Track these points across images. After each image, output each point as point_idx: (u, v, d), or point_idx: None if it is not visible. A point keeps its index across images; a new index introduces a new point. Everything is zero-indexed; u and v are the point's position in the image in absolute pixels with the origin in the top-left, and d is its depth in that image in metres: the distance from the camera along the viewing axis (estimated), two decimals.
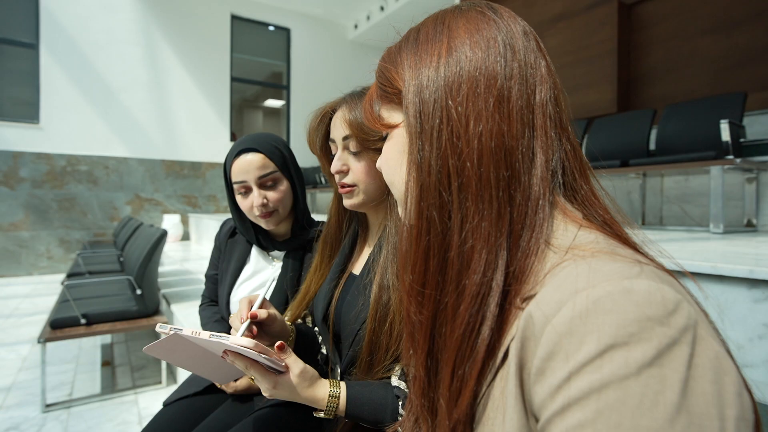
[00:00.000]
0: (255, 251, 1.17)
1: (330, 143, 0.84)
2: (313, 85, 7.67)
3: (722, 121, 2.23)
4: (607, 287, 0.30)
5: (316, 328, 0.97)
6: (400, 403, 0.69)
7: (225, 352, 0.63)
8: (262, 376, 0.63)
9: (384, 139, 0.76)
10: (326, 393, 0.67)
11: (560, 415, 0.29)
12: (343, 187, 0.81)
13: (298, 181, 1.12)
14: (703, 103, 2.71)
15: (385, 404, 0.69)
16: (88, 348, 3.06)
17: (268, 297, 0.99)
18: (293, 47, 7.52)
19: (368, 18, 7.50)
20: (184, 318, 2.23)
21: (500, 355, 0.36)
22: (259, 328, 0.78)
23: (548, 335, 0.31)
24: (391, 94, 0.45)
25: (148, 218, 6.22)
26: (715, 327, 0.32)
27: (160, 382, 2.40)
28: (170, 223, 6.16)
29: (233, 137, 6.99)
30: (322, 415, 0.68)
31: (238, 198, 1.09)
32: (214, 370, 0.75)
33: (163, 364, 2.38)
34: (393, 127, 0.46)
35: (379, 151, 0.77)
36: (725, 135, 2.20)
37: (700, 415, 0.26)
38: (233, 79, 6.97)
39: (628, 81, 3.74)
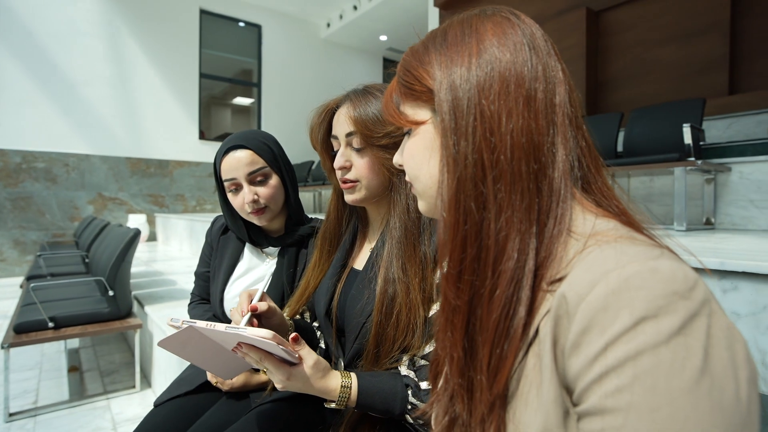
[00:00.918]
0: (248, 248, 1.16)
1: (332, 140, 0.85)
2: (285, 83, 7.57)
3: (685, 125, 2.37)
4: (636, 267, 0.33)
5: (315, 324, 0.98)
6: (410, 392, 0.71)
7: (239, 344, 0.63)
8: (276, 368, 0.64)
9: (390, 136, 0.78)
10: (338, 384, 0.68)
11: (598, 382, 0.32)
12: (345, 182, 0.82)
13: (289, 176, 1.11)
14: (666, 108, 2.86)
15: (395, 393, 0.71)
16: (51, 353, 2.92)
17: (265, 291, 0.98)
18: (264, 44, 7.40)
19: (341, 17, 7.48)
20: (160, 320, 2.17)
21: (531, 333, 0.39)
22: (259, 322, 0.78)
23: (583, 312, 0.33)
24: (418, 92, 0.46)
25: (111, 218, 5.97)
26: (719, 304, 0.35)
27: (133, 387, 2.32)
28: (136, 223, 5.95)
29: (202, 135, 6.81)
30: (333, 405, 0.69)
31: (230, 196, 1.08)
32: (222, 364, 0.74)
33: (137, 368, 2.31)
34: (419, 123, 0.47)
35: (382, 147, 0.79)
36: (687, 138, 2.34)
37: (719, 377, 0.30)
38: (202, 76, 6.79)
39: (596, 85, 3.90)
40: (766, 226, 2.56)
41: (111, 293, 2.24)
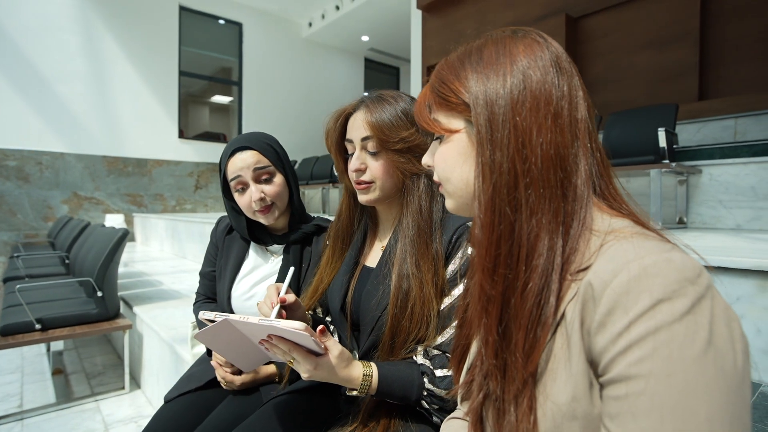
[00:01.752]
0: (253, 246, 1.19)
1: (346, 143, 0.89)
2: (266, 81, 7.52)
3: (659, 129, 2.50)
4: (653, 257, 0.39)
5: (327, 318, 1.02)
6: (426, 379, 0.76)
7: (269, 336, 0.67)
8: (303, 358, 0.68)
9: (404, 140, 0.83)
10: (360, 372, 0.73)
11: (623, 354, 0.38)
12: (360, 184, 0.87)
13: (292, 175, 1.15)
14: (642, 112, 3.01)
15: (412, 380, 0.76)
16: (31, 357, 2.86)
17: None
18: (245, 43, 7.33)
19: (323, 17, 7.47)
20: (152, 320, 2.15)
21: (558, 316, 0.44)
22: (287, 313, 0.82)
23: (608, 296, 0.39)
24: (454, 103, 0.51)
25: (87, 218, 5.81)
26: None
27: (122, 388, 2.30)
28: (113, 223, 5.81)
29: (181, 134, 6.70)
30: (355, 393, 0.73)
31: (236, 196, 1.11)
32: (247, 357, 0.78)
33: (126, 369, 2.29)
34: (453, 131, 0.52)
35: (396, 151, 0.84)
36: (662, 141, 2.47)
37: (721, 348, 0.36)
38: (182, 73, 6.68)
39: None
40: (733, 225, 2.72)
41: (100, 294, 2.21)
